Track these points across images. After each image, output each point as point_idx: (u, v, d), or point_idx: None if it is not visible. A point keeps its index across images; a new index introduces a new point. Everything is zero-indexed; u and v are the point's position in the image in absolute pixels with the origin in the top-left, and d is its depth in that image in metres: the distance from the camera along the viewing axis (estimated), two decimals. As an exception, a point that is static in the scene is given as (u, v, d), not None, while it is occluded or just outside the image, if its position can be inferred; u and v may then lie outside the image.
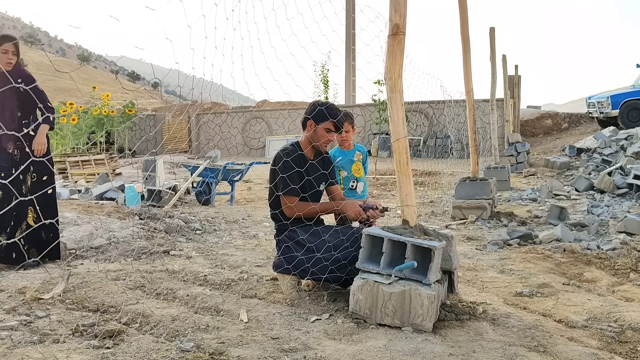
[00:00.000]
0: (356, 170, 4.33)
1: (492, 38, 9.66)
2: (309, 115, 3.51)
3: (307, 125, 3.53)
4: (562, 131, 20.02)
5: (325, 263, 3.21)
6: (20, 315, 2.94)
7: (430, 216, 6.99)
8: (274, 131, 21.60)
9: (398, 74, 3.07)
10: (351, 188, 4.31)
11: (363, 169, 4.39)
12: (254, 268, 4.20)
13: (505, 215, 6.66)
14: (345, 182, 4.31)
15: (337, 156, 4.32)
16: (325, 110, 3.46)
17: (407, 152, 3.12)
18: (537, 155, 14.98)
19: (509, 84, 14.09)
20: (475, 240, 5.47)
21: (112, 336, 2.64)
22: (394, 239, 2.96)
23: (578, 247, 4.80)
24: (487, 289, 3.80)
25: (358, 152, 4.34)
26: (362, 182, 4.35)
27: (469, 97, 6.74)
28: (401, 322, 2.85)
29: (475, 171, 7.02)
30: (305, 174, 3.44)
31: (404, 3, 3.00)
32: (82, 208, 6.07)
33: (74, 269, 4.04)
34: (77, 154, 13.89)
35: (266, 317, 3.01)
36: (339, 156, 4.32)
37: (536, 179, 10.97)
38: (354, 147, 4.36)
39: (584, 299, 3.54)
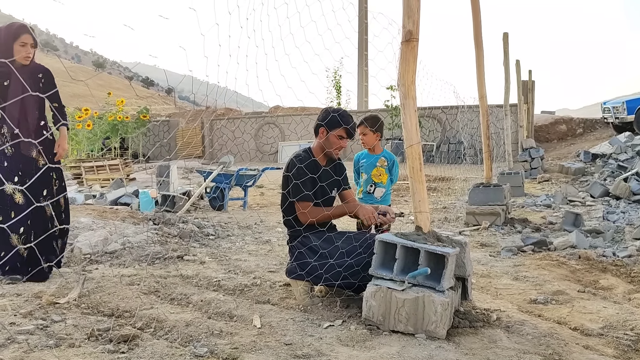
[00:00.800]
0: (376, 175, 4.35)
1: (505, 43, 9.63)
2: (321, 122, 3.52)
3: (320, 132, 3.54)
4: (577, 136, 19.85)
5: (339, 269, 3.21)
6: (37, 319, 2.97)
7: (443, 222, 6.96)
8: (287, 137, 21.66)
9: (411, 80, 3.07)
10: (368, 192, 4.35)
11: (388, 176, 4.40)
12: (266, 274, 4.22)
13: (520, 222, 6.62)
14: (364, 185, 4.36)
15: (362, 158, 4.38)
16: (337, 117, 3.46)
17: (421, 158, 3.12)
18: (552, 161, 14.87)
19: (522, 89, 14.03)
20: (489, 247, 5.43)
21: (126, 341, 2.66)
22: (407, 245, 2.96)
23: (593, 254, 4.75)
24: (501, 295, 3.77)
25: (383, 158, 4.36)
26: (381, 187, 4.36)
27: (482, 102, 6.72)
28: (414, 329, 2.84)
29: (489, 177, 6.99)
30: (317, 180, 3.45)
31: (417, 10, 3.01)
32: (97, 213, 6.13)
33: (89, 274, 4.08)
34: (92, 159, 14.03)
35: (279, 323, 3.01)
36: (364, 159, 4.38)
37: (550, 185, 10.88)
38: (382, 152, 4.38)
39: (600, 306, 3.50)
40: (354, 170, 4.51)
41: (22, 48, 3.79)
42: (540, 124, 20.30)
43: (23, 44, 3.80)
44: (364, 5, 24.87)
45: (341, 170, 3.71)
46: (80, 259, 4.59)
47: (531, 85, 16.89)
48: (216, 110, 25.86)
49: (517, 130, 14.07)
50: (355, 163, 4.51)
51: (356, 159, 4.51)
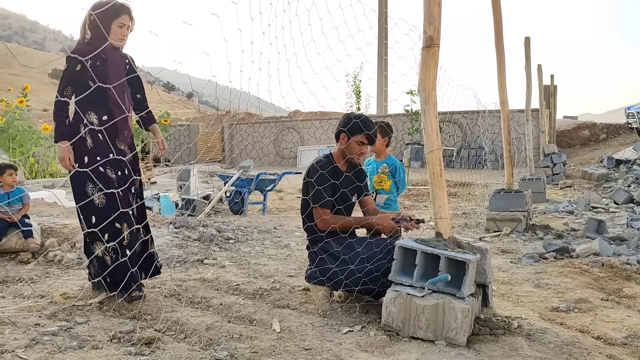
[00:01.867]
0: (377, 182, 4.36)
1: (527, 48, 9.55)
2: (342, 128, 3.52)
3: (341, 138, 3.55)
4: (600, 142, 19.58)
5: (359, 275, 3.21)
6: (61, 321, 3.02)
7: (463, 228, 6.92)
8: (306, 141, 21.72)
9: (432, 86, 3.07)
10: None
11: (393, 182, 4.38)
12: (286, 278, 4.23)
13: (541, 228, 6.54)
14: None
15: (367, 164, 4.42)
16: (359, 122, 3.47)
17: (441, 164, 3.11)
18: (574, 167, 14.68)
19: (544, 94, 13.88)
20: (510, 253, 5.38)
21: (148, 343, 2.69)
22: (428, 251, 2.95)
23: (617, 261, 4.67)
24: (522, 303, 3.73)
25: (384, 165, 4.36)
26: (382, 194, 4.35)
27: (503, 107, 6.67)
28: (434, 336, 2.82)
29: (510, 182, 6.92)
30: (339, 186, 3.45)
31: (438, 15, 3.01)
32: (119, 216, 6.21)
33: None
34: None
35: (298, 328, 3.02)
36: (369, 165, 4.44)
37: (573, 191, 10.75)
38: (386, 158, 4.37)
39: (624, 315, 3.45)
40: None
41: (120, 29, 3.43)
42: (562, 129, 20.06)
43: (121, 24, 3.43)
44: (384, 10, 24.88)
45: (362, 176, 3.72)
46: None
47: (553, 90, 16.71)
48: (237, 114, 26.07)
49: (538, 135, 13.93)
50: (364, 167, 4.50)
51: (366, 163, 4.53)
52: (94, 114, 3.37)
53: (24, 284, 3.96)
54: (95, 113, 3.37)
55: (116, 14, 3.40)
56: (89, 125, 3.32)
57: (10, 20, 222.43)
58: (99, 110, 3.38)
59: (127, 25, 3.46)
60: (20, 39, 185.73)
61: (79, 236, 5.07)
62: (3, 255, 4.75)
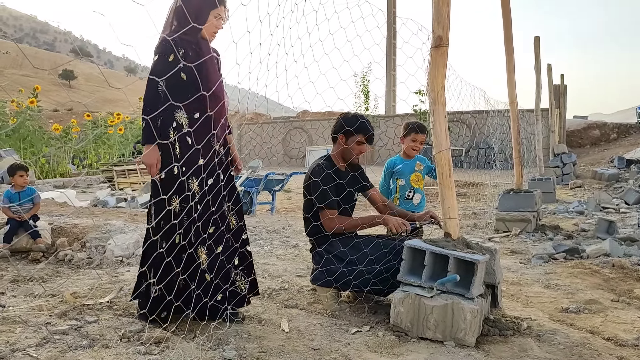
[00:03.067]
0: (415, 181, 4.30)
1: (536, 47, 9.51)
2: (339, 129, 3.50)
3: (339, 139, 3.52)
4: (611, 142, 19.44)
5: (367, 276, 3.21)
6: (71, 320, 3.04)
7: (473, 228, 6.89)
8: (314, 141, 21.73)
9: (441, 86, 3.06)
10: (407, 198, 4.28)
11: (424, 181, 4.36)
12: (294, 278, 4.23)
13: (551, 229, 6.50)
14: (402, 191, 4.29)
15: (397, 164, 4.32)
16: (357, 123, 3.45)
17: (450, 164, 3.10)
18: (584, 167, 14.59)
19: (554, 94, 13.80)
20: (519, 254, 5.36)
21: (157, 343, 2.71)
22: (436, 252, 2.94)
23: (628, 262, 4.64)
24: (532, 304, 3.71)
25: (419, 162, 4.32)
26: (419, 193, 4.32)
27: (513, 107, 6.64)
28: (443, 337, 2.82)
29: (520, 183, 6.89)
30: (343, 186, 3.45)
31: (446, 15, 3.00)
32: (128, 216, 6.25)
33: (120, 276, 4.16)
34: (123, 163, 14.30)
35: (307, 328, 3.03)
36: (399, 164, 4.32)
37: (583, 191, 10.68)
38: (416, 157, 4.34)
39: (635, 316, 3.42)
40: (384, 176, 4.44)
41: (216, 20, 3.04)
42: (572, 129, 19.94)
43: (218, 16, 3.04)
44: (392, 10, 24.84)
45: (361, 173, 3.69)
46: (112, 261, 4.68)
47: (563, 89, 16.61)
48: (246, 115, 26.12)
49: (548, 135, 13.85)
50: (389, 168, 4.38)
51: (390, 163, 4.39)
52: (184, 114, 2.91)
53: (34, 283, 3.99)
54: (186, 112, 2.91)
55: (215, 2, 3.01)
56: (178, 129, 2.89)
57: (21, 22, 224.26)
58: (189, 107, 2.92)
59: (223, 18, 3.08)
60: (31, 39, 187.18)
61: (89, 236, 5.11)
62: (14, 255, 4.79)
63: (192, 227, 2.89)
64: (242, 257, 3.18)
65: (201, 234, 2.94)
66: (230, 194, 3.14)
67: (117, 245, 4.91)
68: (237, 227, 3.16)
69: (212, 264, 2.98)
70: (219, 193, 3.01)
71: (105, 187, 12.28)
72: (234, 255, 3.11)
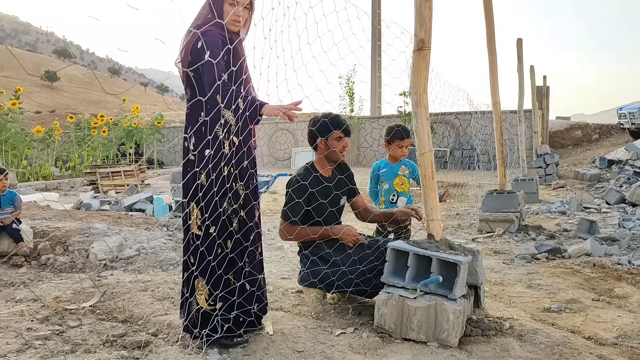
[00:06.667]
0: (398, 185, 4.33)
1: (519, 49, 9.59)
2: (315, 136, 3.48)
3: (318, 145, 3.50)
4: (592, 142, 19.68)
5: (351, 276, 3.22)
6: (53, 325, 3.02)
7: (457, 229, 6.94)
8: (300, 142, 21.72)
9: (423, 89, 3.09)
10: (391, 202, 4.31)
11: (409, 184, 4.39)
12: (279, 280, 4.23)
13: (534, 229, 6.57)
14: (387, 194, 4.33)
15: (382, 167, 4.36)
16: (328, 122, 3.43)
17: (433, 166, 3.12)
18: (567, 167, 14.75)
19: (537, 95, 13.95)
20: (503, 254, 5.41)
21: (140, 347, 2.69)
22: (420, 253, 2.96)
23: (608, 262, 4.71)
24: (514, 304, 3.75)
25: (403, 167, 4.35)
26: (403, 196, 4.34)
27: (496, 109, 6.70)
28: (426, 337, 2.84)
29: (503, 184, 6.95)
30: (321, 195, 3.42)
31: (429, 18, 3.03)
32: (112, 219, 6.20)
33: (104, 280, 4.13)
34: (107, 165, 14.19)
35: (291, 330, 3.03)
36: (383, 167, 4.35)
37: (566, 191, 10.80)
38: (401, 161, 4.36)
39: (614, 315, 3.47)
40: (371, 178, 4.48)
41: (231, 7, 2.74)
42: (555, 129, 20.16)
43: (233, 2, 2.75)
44: (377, 12, 24.92)
45: (349, 176, 3.69)
46: (95, 264, 4.65)
47: (546, 90, 16.79)
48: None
49: (531, 136, 13.99)
50: (374, 171, 4.44)
51: (375, 167, 4.45)
52: (231, 112, 2.68)
53: (16, 287, 3.95)
54: (230, 110, 2.68)
55: None
56: (227, 127, 2.68)
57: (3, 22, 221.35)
58: (233, 107, 2.69)
59: (242, 4, 2.75)
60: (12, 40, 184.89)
61: (72, 239, 5.06)
62: (-5, 259, 4.73)
63: (239, 234, 2.75)
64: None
65: (242, 242, 2.79)
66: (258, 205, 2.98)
67: (100, 248, 4.87)
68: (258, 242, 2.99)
69: (251, 272, 2.84)
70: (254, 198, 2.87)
71: (89, 190, 12.16)
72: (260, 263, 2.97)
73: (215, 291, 2.69)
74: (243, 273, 2.79)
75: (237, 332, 2.77)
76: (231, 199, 2.72)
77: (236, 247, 2.76)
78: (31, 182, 13.34)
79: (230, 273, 2.75)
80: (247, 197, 2.81)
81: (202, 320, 2.69)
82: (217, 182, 2.65)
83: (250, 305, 2.83)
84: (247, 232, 2.80)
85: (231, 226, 2.74)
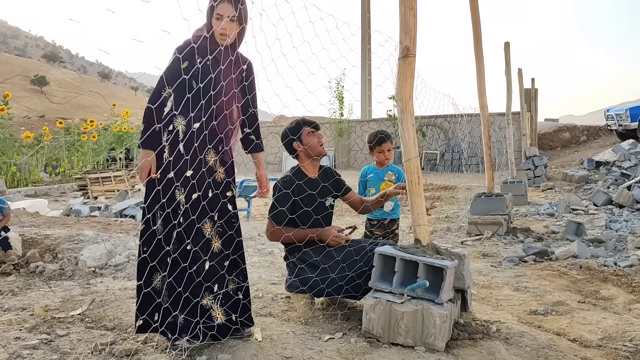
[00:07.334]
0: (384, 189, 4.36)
1: (507, 53, 9.68)
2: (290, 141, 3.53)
3: (296, 149, 3.53)
4: (581, 144, 19.83)
5: (340, 283, 3.25)
6: (42, 334, 3.02)
7: (446, 232, 6.99)
8: (291, 146, 21.74)
9: (409, 95, 3.12)
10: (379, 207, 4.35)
11: None
12: (269, 286, 4.25)
13: (522, 231, 6.64)
14: None
15: (369, 173, 4.41)
16: (294, 124, 3.52)
17: (419, 172, 3.16)
18: (555, 169, 14.85)
19: (525, 98, 14.05)
20: (491, 257, 5.45)
21: (129, 355, 2.70)
22: (406, 258, 2.99)
23: (595, 263, 4.77)
24: (502, 307, 3.79)
25: (390, 172, 4.39)
26: (391, 201, 4.38)
27: (483, 112, 6.77)
28: (414, 342, 2.86)
29: (491, 187, 7.01)
30: (307, 197, 3.44)
31: (413, 26, 3.06)
32: (101, 226, 6.19)
33: (93, 287, 4.13)
34: (97, 170, 14.13)
35: (280, 336, 3.05)
36: (371, 173, 4.40)
37: (554, 193, 10.88)
38: (388, 167, 4.40)
39: (600, 317, 3.52)
40: (359, 183, 4.52)
41: (217, 21, 2.79)
42: (543, 131, 20.29)
43: (219, 16, 2.79)
44: (367, 15, 25.01)
45: (331, 175, 3.70)
46: (85, 272, 4.64)
47: (534, 93, 16.92)
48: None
49: (520, 138, 14.08)
50: (362, 176, 4.49)
51: (363, 172, 4.50)
52: (183, 121, 2.76)
53: (4, 296, 3.94)
54: (185, 118, 2.76)
55: (212, 1, 2.79)
56: (173, 134, 2.73)
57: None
58: (191, 116, 2.75)
59: (225, 16, 2.77)
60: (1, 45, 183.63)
61: (61, 246, 5.06)
62: (-17, 267, 4.71)
63: (171, 241, 2.73)
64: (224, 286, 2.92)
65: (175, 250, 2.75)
66: (221, 216, 2.91)
67: (89, 255, 4.87)
68: (223, 254, 2.91)
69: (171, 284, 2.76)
70: (203, 211, 2.79)
71: (79, 196, 12.11)
72: (210, 279, 2.84)
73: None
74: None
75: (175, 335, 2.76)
76: (165, 205, 2.73)
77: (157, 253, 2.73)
78: (20, 188, 13.27)
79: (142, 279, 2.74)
80: (192, 207, 2.74)
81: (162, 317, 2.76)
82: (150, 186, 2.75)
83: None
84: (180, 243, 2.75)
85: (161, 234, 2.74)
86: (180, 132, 2.74)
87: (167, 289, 2.77)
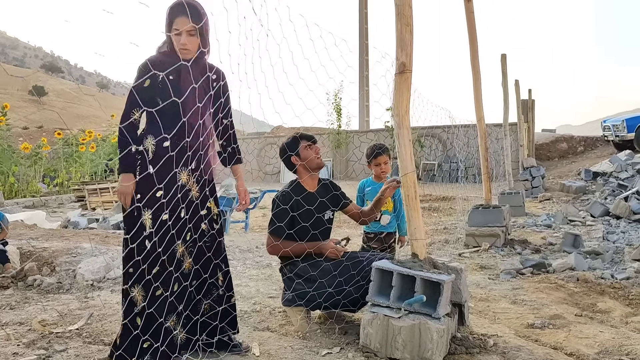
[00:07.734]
0: None
1: (503, 64, 9.74)
2: (288, 156, 3.56)
3: (294, 164, 3.58)
4: (578, 154, 19.90)
5: (337, 297, 3.26)
6: (39, 349, 3.01)
7: (444, 244, 6.99)
8: (289, 157, 21.79)
9: (405, 111, 3.15)
10: (375, 219, 4.36)
11: (393, 202, 4.44)
12: (266, 299, 4.25)
13: (519, 243, 6.65)
14: None
15: (367, 186, 4.44)
16: (291, 139, 3.57)
17: (416, 186, 3.18)
18: (553, 180, 14.89)
19: (522, 109, 14.13)
20: (488, 269, 5.46)
21: (127, 370, 2.70)
22: (404, 272, 3.00)
23: (592, 276, 4.78)
24: (499, 320, 3.80)
25: None
26: (387, 215, 4.40)
27: (480, 124, 6.80)
28: (411, 356, 2.87)
29: (488, 198, 7.03)
30: (306, 211, 3.47)
31: (409, 43, 3.10)
32: (99, 238, 6.19)
33: (91, 301, 4.13)
34: (95, 181, 14.13)
35: (277, 351, 3.05)
36: (369, 186, 4.43)
37: (552, 204, 10.91)
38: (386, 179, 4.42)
39: (597, 330, 3.53)
40: (357, 198, 4.54)
41: (177, 37, 2.74)
42: (541, 142, 20.37)
43: (176, 31, 2.74)
44: (364, 26, 25.16)
45: (331, 188, 3.72)
46: (82, 285, 4.64)
47: (531, 104, 17.01)
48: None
49: (517, 149, 14.14)
50: (360, 190, 4.52)
51: (361, 186, 4.53)
52: (153, 139, 2.71)
53: (2, 310, 3.94)
54: (155, 137, 2.72)
55: (169, 17, 2.75)
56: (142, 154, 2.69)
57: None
58: (159, 134, 2.70)
59: (185, 30, 2.71)
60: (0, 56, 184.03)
61: (59, 259, 5.06)
62: (-19, 281, 4.70)
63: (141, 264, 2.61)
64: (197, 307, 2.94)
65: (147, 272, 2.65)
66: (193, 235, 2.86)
67: (87, 268, 4.87)
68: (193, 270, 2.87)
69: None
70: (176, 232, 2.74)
71: (77, 207, 12.11)
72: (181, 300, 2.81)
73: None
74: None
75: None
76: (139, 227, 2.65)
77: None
78: (18, 199, 13.26)
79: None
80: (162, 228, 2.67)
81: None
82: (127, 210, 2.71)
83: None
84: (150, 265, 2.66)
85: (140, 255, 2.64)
86: (149, 151, 2.70)
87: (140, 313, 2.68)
